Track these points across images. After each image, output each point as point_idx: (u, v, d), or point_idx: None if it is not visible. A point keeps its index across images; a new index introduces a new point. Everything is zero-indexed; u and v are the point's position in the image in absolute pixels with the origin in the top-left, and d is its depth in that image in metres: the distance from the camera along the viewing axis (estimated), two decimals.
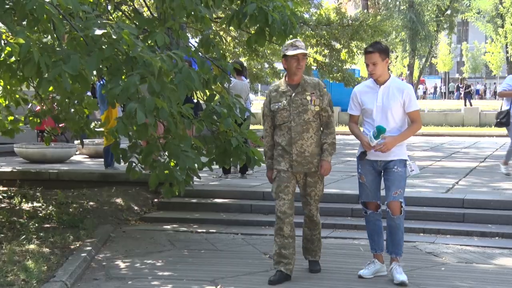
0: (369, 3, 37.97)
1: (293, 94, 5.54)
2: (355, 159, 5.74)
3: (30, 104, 8.75)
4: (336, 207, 8.05)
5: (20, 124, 8.85)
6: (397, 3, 37.42)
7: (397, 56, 45.85)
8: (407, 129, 5.61)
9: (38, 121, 8.57)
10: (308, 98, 5.53)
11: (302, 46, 5.55)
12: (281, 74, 6.68)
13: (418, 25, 35.98)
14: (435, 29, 40.46)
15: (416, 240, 7.06)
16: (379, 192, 5.71)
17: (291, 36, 7.54)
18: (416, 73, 42.70)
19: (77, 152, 13.34)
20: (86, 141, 11.98)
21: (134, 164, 6.84)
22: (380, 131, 5.38)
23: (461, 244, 6.87)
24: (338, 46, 18.97)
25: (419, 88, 50.56)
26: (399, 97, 5.51)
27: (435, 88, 61.39)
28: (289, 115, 5.52)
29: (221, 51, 7.87)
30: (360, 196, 5.77)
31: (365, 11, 32.24)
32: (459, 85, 49.19)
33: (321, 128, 5.67)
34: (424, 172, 11.16)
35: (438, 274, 5.83)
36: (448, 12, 40.77)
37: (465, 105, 35.02)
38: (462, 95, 40.86)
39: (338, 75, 18.94)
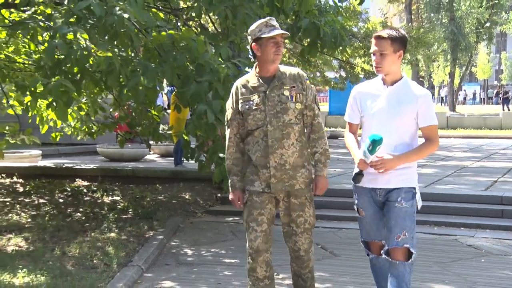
0: (413, 17, 37.32)
1: (268, 90, 3.81)
2: None
3: (111, 109, 8.94)
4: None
5: (95, 127, 9.06)
6: (439, 16, 36.57)
7: (439, 65, 44.94)
8: (417, 148, 3.70)
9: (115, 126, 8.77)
10: (287, 93, 3.81)
11: (278, 25, 3.86)
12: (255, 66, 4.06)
13: (459, 36, 35.11)
14: (475, 40, 39.43)
15: (457, 233, 6.91)
16: (383, 230, 3.86)
17: (340, 48, 7.51)
18: (456, 81, 41.73)
19: (150, 152, 13.56)
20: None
21: (203, 162, 6.90)
22: (375, 142, 3.53)
23: (500, 238, 6.69)
24: None
25: (459, 94, 49.41)
26: (411, 105, 3.65)
27: (474, 94, 59.91)
28: (265, 117, 3.79)
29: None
30: (360, 233, 4.01)
31: (409, 24, 31.75)
32: (498, 91, 47.88)
33: (306, 132, 3.95)
34: (464, 171, 10.95)
35: (478, 265, 5.68)
36: (488, 24, 39.72)
37: (503, 109, 34.16)
38: (500, 100, 39.74)
39: None
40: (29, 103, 8.35)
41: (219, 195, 8.71)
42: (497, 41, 62.49)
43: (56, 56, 5.80)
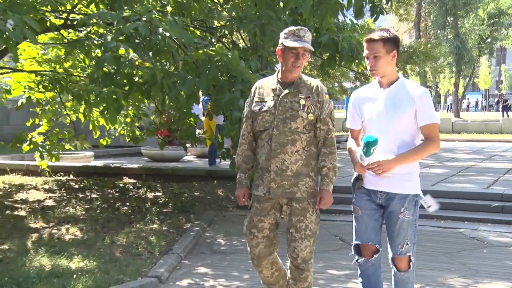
0: (421, 33, 36.92)
1: (283, 94, 3.39)
2: None
3: (153, 116, 9.02)
4: None
5: (138, 133, 9.15)
6: (445, 33, 36.12)
7: (445, 76, 44.38)
8: (416, 148, 3.22)
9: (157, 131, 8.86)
10: (302, 102, 3.36)
11: (307, 38, 3.35)
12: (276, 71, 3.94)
13: (463, 51, 34.64)
14: (478, 54, 38.88)
15: (461, 227, 6.81)
16: (379, 232, 3.38)
17: (356, 61, 7.46)
18: (461, 90, 41.18)
19: (188, 154, 13.62)
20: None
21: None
22: (369, 144, 3.11)
23: (500, 231, 6.59)
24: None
25: (463, 102, 48.66)
26: (409, 104, 3.18)
27: (477, 102, 59.03)
28: (273, 120, 3.38)
29: None
30: (354, 236, 3.43)
31: (418, 40, 31.41)
32: (498, 100, 47.08)
33: (318, 146, 3.45)
34: (468, 171, 10.77)
35: (481, 255, 5.59)
36: (489, 40, 39.17)
37: (503, 116, 33.63)
38: (500, 108, 39.09)
39: None
40: (83, 111, 8.49)
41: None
42: (498, 55, 61.76)
43: (106, 70, 5.89)
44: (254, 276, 4.76)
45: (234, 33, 7.47)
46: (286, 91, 3.40)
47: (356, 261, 3.44)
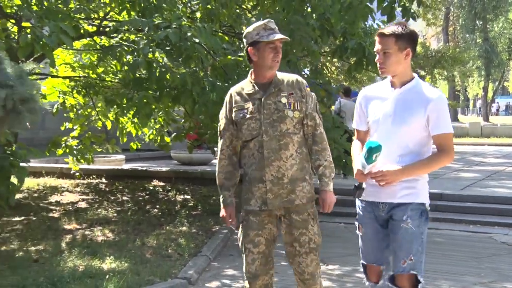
0: (449, 37, 36.42)
1: (264, 97, 3.08)
2: None
3: (182, 121, 9.09)
4: None
5: (167, 140, 9.24)
6: (474, 37, 35.55)
7: (474, 80, 43.68)
8: (426, 159, 2.85)
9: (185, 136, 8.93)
10: (284, 100, 3.07)
11: (277, 29, 3.10)
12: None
13: (492, 55, 34.02)
14: (507, 57, 38.14)
15: (491, 231, 6.67)
16: (385, 252, 3.02)
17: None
18: (490, 94, 40.47)
19: (216, 157, 13.65)
20: None
21: None
22: (371, 150, 2.76)
23: None
24: (422, 73, 18.37)
25: (492, 106, 47.79)
26: (420, 110, 2.81)
27: (507, 106, 57.85)
28: (260, 126, 3.06)
29: (327, 78, 7.85)
30: (360, 254, 3.15)
31: (446, 44, 30.99)
32: None
33: (308, 144, 3.17)
34: (498, 175, 10.57)
35: (511, 260, 5.47)
36: None
37: None
38: None
39: None
40: (114, 116, 8.60)
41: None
42: None
43: (138, 75, 5.97)
44: (283, 279, 4.75)
45: None
46: (267, 92, 3.08)
47: (365, 283, 3.12)
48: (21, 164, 5.51)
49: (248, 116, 3.10)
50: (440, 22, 34.93)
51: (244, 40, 3.14)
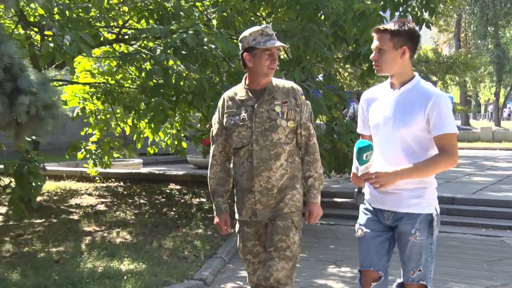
0: (461, 43, 36.15)
1: (257, 104, 2.92)
2: (449, 168, 2.69)
3: (198, 125, 9.12)
4: None
5: (184, 145, 9.28)
6: (486, 43, 35.23)
7: (485, 86, 43.29)
8: (425, 161, 2.60)
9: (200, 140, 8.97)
10: (278, 109, 2.91)
11: (274, 35, 2.95)
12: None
13: (504, 60, 33.64)
14: None
15: (503, 235, 6.60)
16: (385, 258, 2.77)
17: None
18: (501, 99, 40.06)
19: None
20: None
21: None
22: (360, 150, 2.58)
23: None
24: (434, 78, 18.25)
25: (504, 111, 47.26)
26: (420, 110, 2.59)
27: None
28: (251, 135, 2.91)
29: (340, 84, 7.84)
30: (359, 260, 2.86)
31: (458, 50, 30.77)
32: None
33: (301, 155, 3.02)
34: (510, 179, 10.47)
35: None
36: None
37: None
38: None
39: None
40: (132, 122, 8.66)
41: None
42: None
43: (155, 81, 6.01)
44: (296, 281, 4.74)
45: None
46: (260, 100, 2.92)
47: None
48: (39, 170, 5.58)
49: (239, 123, 2.95)
50: (452, 29, 34.70)
51: (240, 44, 2.97)
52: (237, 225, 3.08)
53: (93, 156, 8.85)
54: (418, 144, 2.63)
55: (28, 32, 7.06)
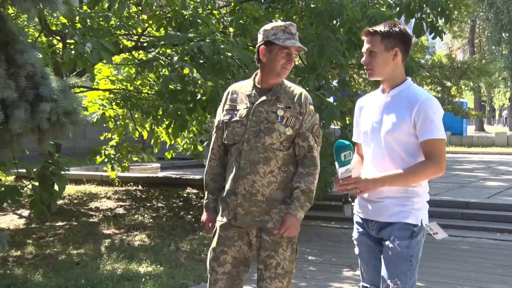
0: (475, 49, 35.83)
1: (258, 102, 2.65)
2: (464, 173, 2.77)
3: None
4: (448, 211, 7.62)
5: (200, 149, 9.32)
6: (500, 48, 34.88)
7: (500, 91, 42.85)
8: (408, 168, 2.40)
9: None
10: (280, 113, 2.62)
11: (297, 36, 2.68)
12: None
13: None
14: None
15: None
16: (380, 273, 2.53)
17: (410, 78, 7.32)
18: None
19: None
20: None
21: None
22: (338, 150, 2.45)
23: None
24: (448, 84, 18.12)
25: None
26: (407, 114, 2.41)
27: None
28: (243, 133, 2.64)
29: (354, 89, 7.81)
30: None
31: (472, 56, 30.50)
32: None
33: (298, 164, 2.68)
34: None
35: None
36: None
37: None
38: None
39: (448, 106, 18.08)
40: (150, 127, 8.72)
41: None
42: None
43: (172, 87, 6.04)
44: (311, 284, 4.72)
45: None
46: (263, 98, 2.65)
47: None
48: (62, 172, 5.63)
49: (235, 119, 2.67)
50: (466, 35, 34.42)
51: (259, 36, 2.69)
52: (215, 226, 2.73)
53: (112, 161, 8.93)
54: (405, 151, 2.43)
55: (50, 40, 7.15)
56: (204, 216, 2.79)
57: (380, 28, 2.48)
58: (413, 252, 2.42)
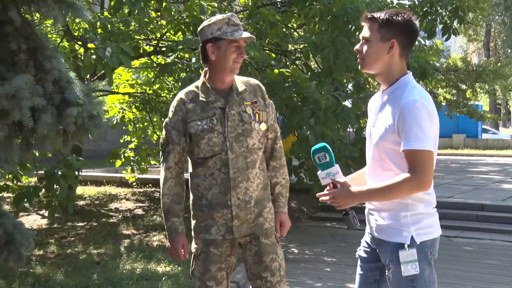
0: (490, 53, 35.44)
1: (227, 106, 2.48)
2: (479, 176, 2.43)
3: None
4: (463, 213, 7.57)
5: None
6: None
7: None
8: (388, 181, 2.07)
9: None
10: (249, 111, 2.50)
11: (241, 25, 2.53)
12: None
13: None
14: None
15: None
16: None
17: (426, 80, 7.28)
18: None
19: None
20: None
21: (302, 177, 6.93)
22: (313, 152, 2.21)
23: None
24: (463, 87, 17.96)
25: None
26: (392, 119, 2.08)
27: None
28: (223, 141, 2.46)
29: (369, 93, 7.81)
30: None
31: (487, 59, 30.16)
32: None
33: (266, 159, 2.63)
34: None
35: None
36: None
37: None
38: None
39: (464, 109, 17.92)
40: None
41: (319, 203, 8.65)
42: None
43: None
44: (326, 285, 4.73)
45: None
46: (234, 99, 2.48)
47: None
48: (73, 173, 5.72)
49: (208, 128, 2.46)
50: (481, 38, 34.03)
51: (200, 36, 2.49)
52: (196, 246, 2.60)
53: (131, 163, 9.01)
54: (393, 161, 2.10)
55: (72, 44, 7.26)
56: (173, 242, 2.57)
57: (380, 15, 2.12)
58: (412, 272, 2.10)
